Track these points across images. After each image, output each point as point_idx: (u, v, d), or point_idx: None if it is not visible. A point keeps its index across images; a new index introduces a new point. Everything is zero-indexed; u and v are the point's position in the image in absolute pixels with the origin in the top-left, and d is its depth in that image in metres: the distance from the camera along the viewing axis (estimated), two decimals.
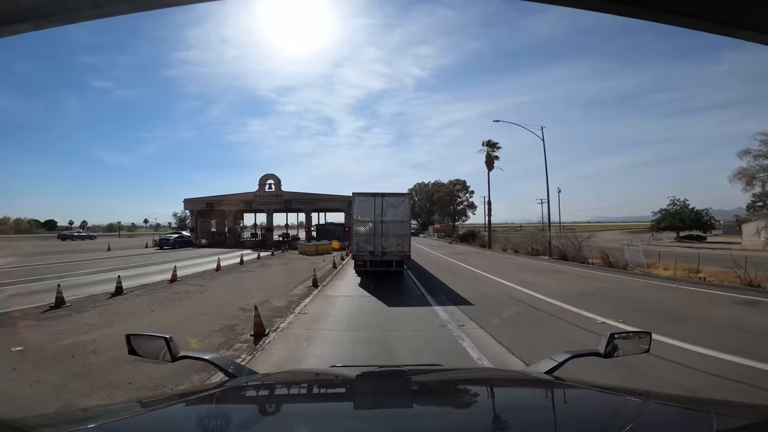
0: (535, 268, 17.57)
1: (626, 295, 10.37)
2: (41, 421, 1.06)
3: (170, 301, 9.28)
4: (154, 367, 4.91)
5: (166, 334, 1.48)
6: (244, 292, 10.67)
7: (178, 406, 1.28)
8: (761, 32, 1.03)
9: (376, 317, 7.86)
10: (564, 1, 1.14)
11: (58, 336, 6.36)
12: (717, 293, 10.67)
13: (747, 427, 1.01)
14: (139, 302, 9.12)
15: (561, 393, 1.41)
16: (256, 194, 38.82)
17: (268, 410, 1.27)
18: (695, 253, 19.30)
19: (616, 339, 1.57)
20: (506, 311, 8.29)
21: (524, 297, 10.03)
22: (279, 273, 15.90)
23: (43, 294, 9.38)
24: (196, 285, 12.02)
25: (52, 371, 4.78)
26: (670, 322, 7.06)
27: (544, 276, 14.72)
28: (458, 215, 64.90)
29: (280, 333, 6.59)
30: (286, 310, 8.45)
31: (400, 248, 12.84)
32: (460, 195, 65.35)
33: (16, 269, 15.88)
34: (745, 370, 4.72)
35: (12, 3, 0.96)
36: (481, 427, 1.09)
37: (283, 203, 38.68)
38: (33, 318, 7.49)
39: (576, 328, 6.86)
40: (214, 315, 7.94)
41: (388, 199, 12.91)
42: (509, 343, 5.79)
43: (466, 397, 1.49)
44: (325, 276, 14.40)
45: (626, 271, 16.08)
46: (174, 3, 1.22)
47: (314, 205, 39.41)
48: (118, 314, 7.82)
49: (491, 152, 41.68)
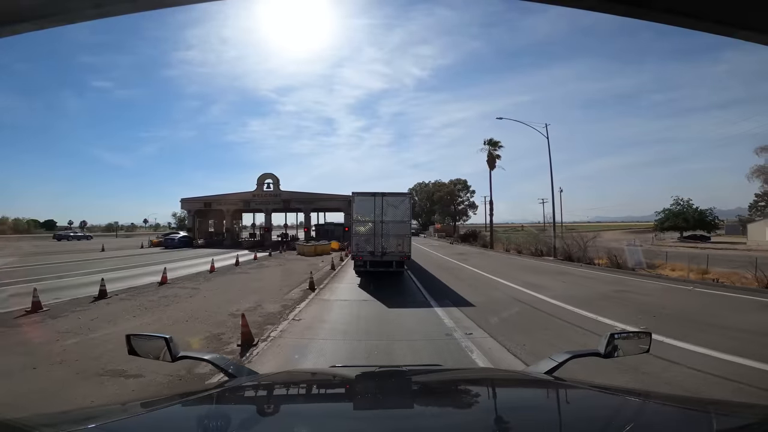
0: (540, 270, 16.98)
1: (642, 299, 9.77)
2: (41, 421, 1.04)
3: (155, 306, 8.68)
4: (123, 382, 4.35)
5: (166, 335, 1.47)
6: (237, 296, 10.08)
7: (178, 406, 1.28)
8: (761, 32, 1.02)
9: (377, 323, 7.27)
10: (563, 1, 1.10)
11: (25, 344, 5.77)
12: (737, 296, 10.09)
13: (747, 427, 1.01)
14: (122, 307, 8.51)
15: (561, 393, 1.40)
16: (254, 194, 38.20)
17: (268, 410, 1.26)
18: (701, 253, 18.82)
19: (617, 339, 1.55)
20: (516, 317, 7.71)
21: (534, 301, 9.44)
22: (275, 275, 15.30)
23: (22, 297, 8.78)
24: (187, 288, 11.41)
25: (6, 387, 4.19)
26: (704, 330, 6.46)
27: (551, 278, 14.13)
28: (459, 215, 64.19)
29: (271, 343, 5.99)
30: (279, 316, 7.86)
31: (400, 248, 12.63)
32: (461, 195, 64.61)
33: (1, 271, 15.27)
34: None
35: (12, 3, 0.95)
36: (481, 427, 1.09)
37: (282, 203, 38.03)
38: (4, 324, 6.90)
39: (598, 338, 6.26)
40: (201, 321, 7.35)
41: (388, 198, 12.67)
42: (527, 357, 5.18)
43: (466, 397, 1.47)
44: (323, 278, 13.80)
45: (634, 273, 15.50)
46: (174, 3, 1.18)
47: (313, 205, 38.74)
48: (95, 320, 7.22)
49: (493, 151, 41.09)
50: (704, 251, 21.85)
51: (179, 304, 8.99)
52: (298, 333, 6.60)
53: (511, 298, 9.85)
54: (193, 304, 9.03)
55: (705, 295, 10.31)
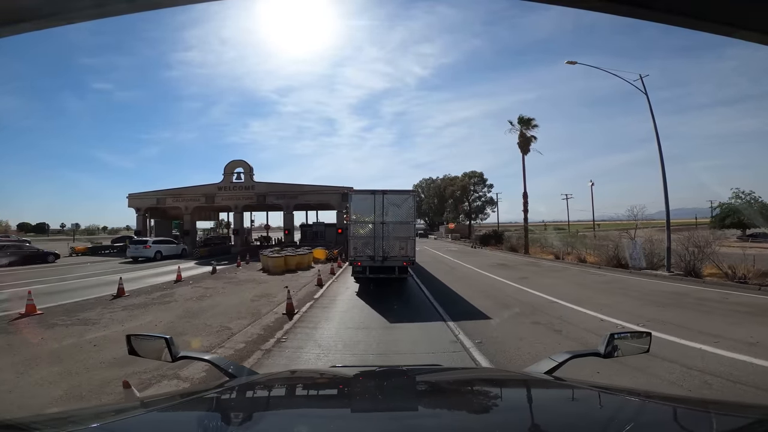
0: (713, 304, 8.34)
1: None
2: (41, 421, 1.04)
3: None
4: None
5: (167, 335, 1.46)
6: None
7: (178, 406, 1.27)
8: (762, 32, 1.00)
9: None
10: (564, 1, 1.05)
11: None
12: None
13: (747, 427, 1.00)
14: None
15: (561, 393, 1.39)
16: (221, 186, 29.63)
17: (268, 410, 1.25)
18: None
19: (617, 339, 1.53)
20: None
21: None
22: (157, 325, 6.81)
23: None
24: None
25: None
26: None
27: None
28: (475, 213, 55.16)
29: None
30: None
31: (403, 252, 11.15)
32: (477, 189, 55.57)
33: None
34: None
35: (12, 3, 0.93)
36: (481, 427, 1.08)
37: (255, 197, 29.34)
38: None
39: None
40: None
41: (389, 196, 11.22)
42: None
43: (466, 397, 1.44)
44: (268, 349, 5.28)
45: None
46: (175, 3, 1.11)
47: (296, 200, 29.84)
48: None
49: (526, 131, 32.49)
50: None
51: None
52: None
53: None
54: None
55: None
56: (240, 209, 30.05)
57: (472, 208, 55.25)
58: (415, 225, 11.78)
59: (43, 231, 76.35)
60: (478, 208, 55.61)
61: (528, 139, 32.30)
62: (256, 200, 29.51)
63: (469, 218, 54.74)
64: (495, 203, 54.54)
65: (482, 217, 56.06)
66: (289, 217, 29.38)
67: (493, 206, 54.53)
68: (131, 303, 9.41)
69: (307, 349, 5.80)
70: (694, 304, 8.75)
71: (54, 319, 7.67)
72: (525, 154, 32.26)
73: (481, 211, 55.66)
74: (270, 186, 29.65)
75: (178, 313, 8.37)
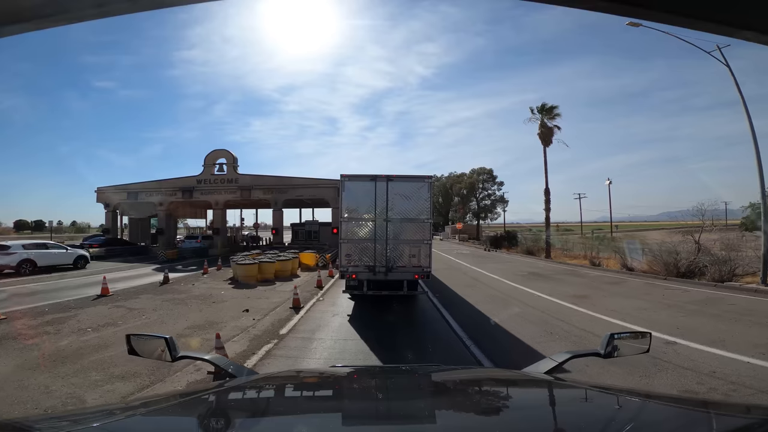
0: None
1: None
2: (41, 421, 1.03)
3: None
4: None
5: (166, 335, 1.45)
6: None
7: (178, 406, 1.25)
8: (762, 33, 0.97)
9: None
10: (565, 1, 0.99)
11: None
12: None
13: (747, 427, 0.98)
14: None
15: (561, 393, 1.37)
16: (200, 179, 25.92)
17: (268, 410, 1.24)
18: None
19: (616, 339, 1.51)
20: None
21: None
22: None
23: None
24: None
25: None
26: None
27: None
28: (485, 212, 51.24)
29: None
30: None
31: (414, 261, 8.48)
32: (487, 187, 51.64)
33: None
34: None
35: (12, 3, 0.90)
36: (481, 427, 1.07)
37: (239, 191, 25.58)
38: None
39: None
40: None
41: (396, 184, 8.49)
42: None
43: (466, 396, 1.43)
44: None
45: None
46: (175, 3, 1.07)
47: (286, 195, 26.06)
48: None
49: (547, 121, 28.71)
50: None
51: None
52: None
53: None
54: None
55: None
56: (221, 205, 26.25)
57: (480, 207, 51.38)
58: (430, 224, 8.95)
59: (41, 228, 69.35)
60: (487, 207, 51.69)
61: (550, 130, 28.51)
62: (240, 195, 25.71)
63: (477, 218, 50.87)
64: (506, 202, 50.66)
65: (492, 217, 52.16)
66: (277, 215, 25.61)
67: (505, 205, 50.62)
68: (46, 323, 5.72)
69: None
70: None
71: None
72: (546, 146, 28.38)
73: (491, 211, 51.73)
74: (256, 179, 25.88)
75: (14, 363, 4.63)
